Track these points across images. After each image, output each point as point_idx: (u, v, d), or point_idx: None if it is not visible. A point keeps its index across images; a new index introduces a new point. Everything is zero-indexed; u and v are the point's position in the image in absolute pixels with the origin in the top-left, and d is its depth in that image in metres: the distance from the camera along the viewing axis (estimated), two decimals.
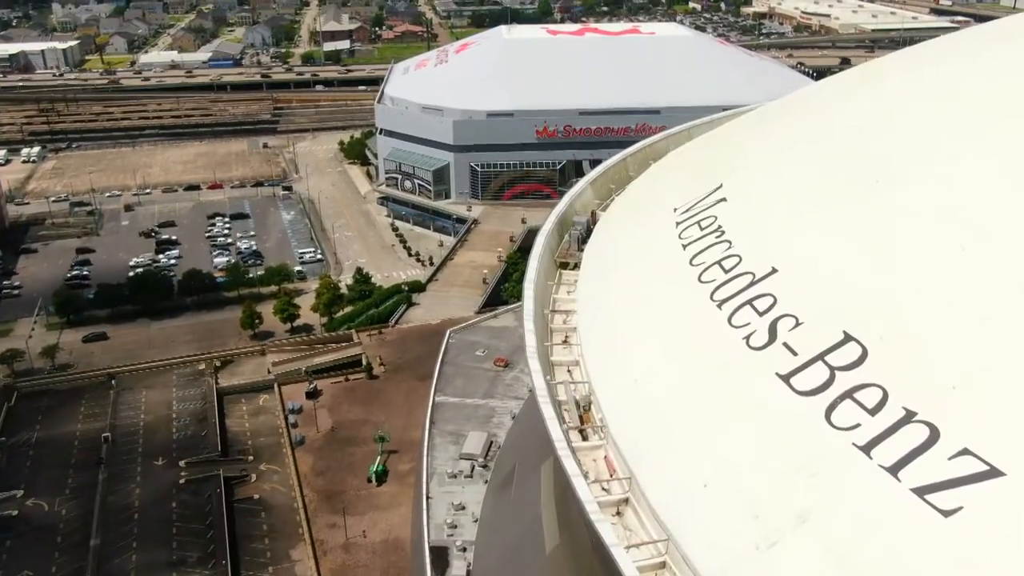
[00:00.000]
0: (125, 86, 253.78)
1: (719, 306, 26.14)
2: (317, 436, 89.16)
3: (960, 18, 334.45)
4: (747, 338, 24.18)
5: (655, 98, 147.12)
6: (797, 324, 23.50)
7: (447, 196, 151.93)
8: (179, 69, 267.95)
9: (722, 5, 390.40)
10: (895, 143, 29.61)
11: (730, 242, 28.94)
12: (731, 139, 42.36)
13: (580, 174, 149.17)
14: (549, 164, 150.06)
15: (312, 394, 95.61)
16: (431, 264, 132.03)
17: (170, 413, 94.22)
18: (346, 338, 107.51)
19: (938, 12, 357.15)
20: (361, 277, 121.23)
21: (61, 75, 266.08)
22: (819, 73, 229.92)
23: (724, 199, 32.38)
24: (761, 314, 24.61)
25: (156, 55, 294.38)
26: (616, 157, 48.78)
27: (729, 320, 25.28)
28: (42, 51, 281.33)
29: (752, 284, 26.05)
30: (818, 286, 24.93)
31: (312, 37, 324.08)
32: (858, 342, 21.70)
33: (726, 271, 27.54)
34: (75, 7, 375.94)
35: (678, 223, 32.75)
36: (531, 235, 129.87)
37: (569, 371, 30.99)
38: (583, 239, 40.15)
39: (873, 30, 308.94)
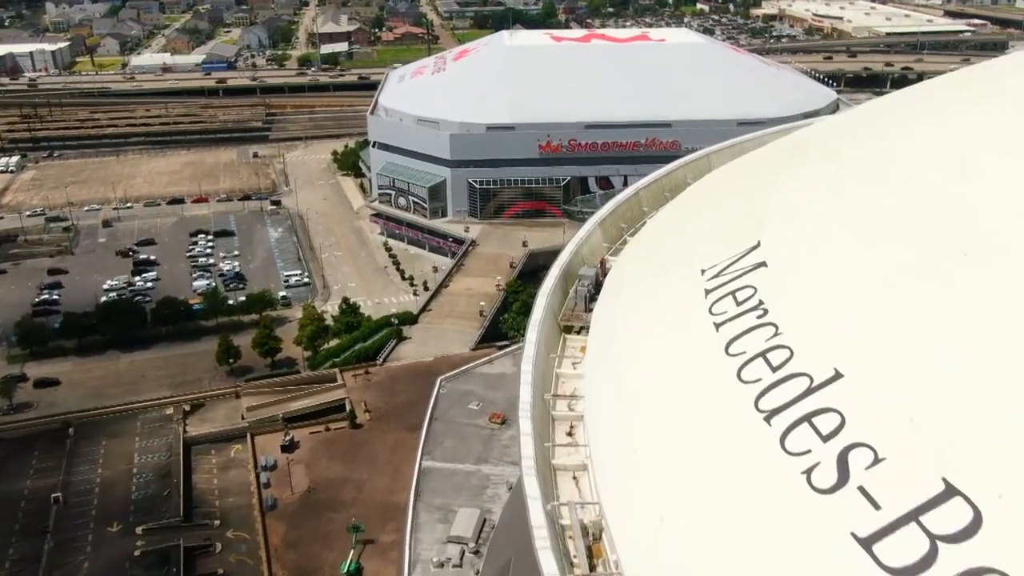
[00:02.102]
0: (113, 90, 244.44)
1: (767, 420, 19.73)
2: (291, 499, 79.91)
3: (976, 20, 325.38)
4: (808, 473, 18.03)
5: (666, 110, 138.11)
6: (876, 460, 17.36)
7: (443, 214, 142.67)
8: (170, 72, 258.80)
9: (731, 7, 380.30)
10: (990, 197, 21.84)
11: (776, 326, 22.34)
12: (765, 176, 34.21)
13: (586, 191, 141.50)
14: (553, 181, 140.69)
15: (288, 447, 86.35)
16: (425, 290, 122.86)
17: (131, 467, 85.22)
18: (329, 378, 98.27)
19: (952, 15, 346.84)
20: (348, 307, 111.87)
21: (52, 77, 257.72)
22: (834, 79, 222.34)
23: (764, 263, 25.41)
24: (825, 439, 18.50)
25: (148, 57, 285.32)
26: (627, 191, 42.30)
27: (782, 443, 19.02)
28: (30, 53, 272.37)
29: (810, 392, 19.59)
30: (901, 404, 18.07)
31: (310, 39, 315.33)
32: (966, 499, 15.77)
33: (774, 368, 21.07)
34: (69, 7, 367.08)
35: (708, 291, 25.75)
36: (533, 259, 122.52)
37: (575, 478, 25.21)
38: (591, 296, 33.71)
39: (887, 33, 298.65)
